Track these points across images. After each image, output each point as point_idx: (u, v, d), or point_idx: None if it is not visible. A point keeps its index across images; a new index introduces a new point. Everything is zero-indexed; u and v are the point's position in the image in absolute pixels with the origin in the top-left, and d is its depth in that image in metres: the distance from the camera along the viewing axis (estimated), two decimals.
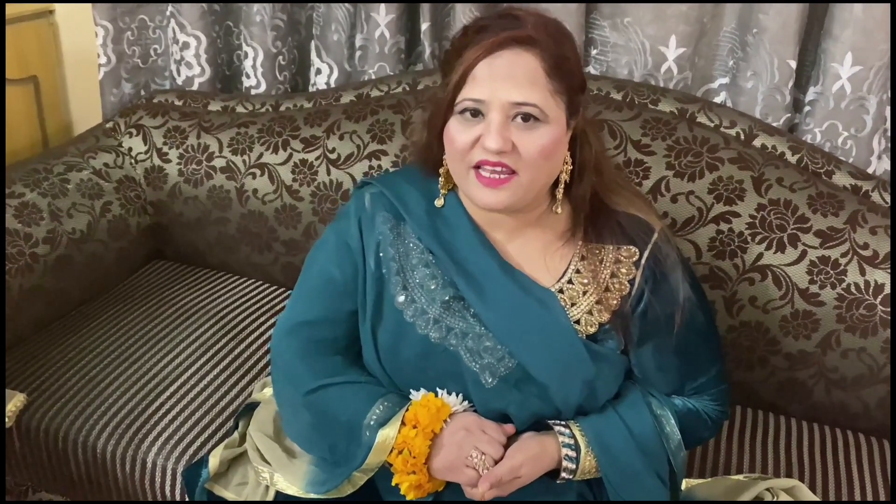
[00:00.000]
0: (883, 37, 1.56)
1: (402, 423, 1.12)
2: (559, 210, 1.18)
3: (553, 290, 1.17)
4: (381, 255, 1.21)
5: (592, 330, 1.16)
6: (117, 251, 1.89)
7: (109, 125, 2.02)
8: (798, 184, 1.56)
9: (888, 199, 1.57)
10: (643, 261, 1.16)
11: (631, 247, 1.17)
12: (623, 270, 1.17)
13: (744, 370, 1.59)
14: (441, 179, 1.20)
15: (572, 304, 1.16)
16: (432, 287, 1.18)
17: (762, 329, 1.55)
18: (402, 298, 1.18)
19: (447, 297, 1.17)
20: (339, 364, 1.23)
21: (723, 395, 1.26)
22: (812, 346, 1.53)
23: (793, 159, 1.61)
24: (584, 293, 1.17)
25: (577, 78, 1.11)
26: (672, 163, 1.60)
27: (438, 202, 1.21)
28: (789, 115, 1.71)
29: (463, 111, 1.08)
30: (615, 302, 1.16)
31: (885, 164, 1.69)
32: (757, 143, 1.63)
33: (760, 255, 1.54)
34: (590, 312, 1.16)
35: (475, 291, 1.16)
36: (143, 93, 2.16)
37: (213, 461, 1.31)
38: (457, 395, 1.17)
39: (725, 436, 1.54)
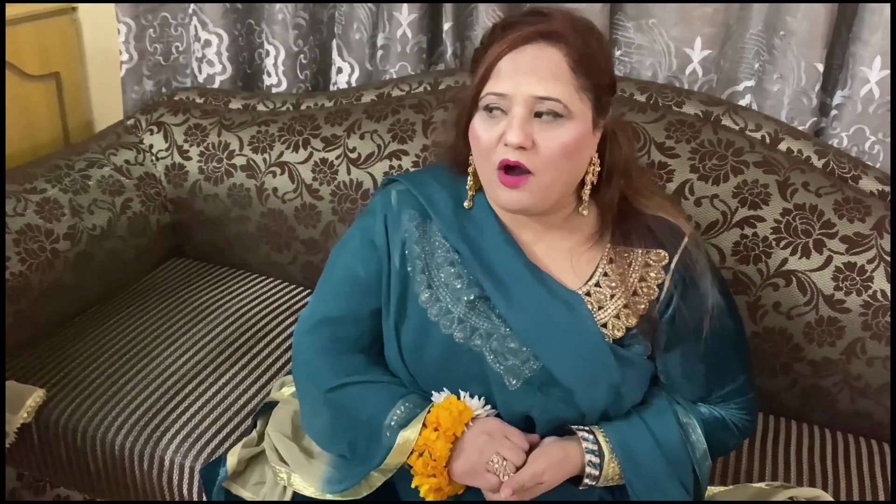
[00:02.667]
0: None
1: (424, 425, 1.11)
2: (585, 212, 1.17)
3: (580, 292, 1.16)
4: (406, 252, 1.20)
5: (619, 334, 1.14)
6: (137, 248, 1.90)
7: (131, 122, 2.02)
8: (824, 188, 1.54)
9: None
10: (673, 265, 1.15)
11: (660, 251, 1.15)
12: (652, 274, 1.15)
13: (767, 377, 1.57)
14: (469, 180, 1.20)
15: (599, 308, 1.15)
16: (457, 286, 1.17)
17: (786, 335, 1.53)
18: (426, 297, 1.18)
19: (472, 297, 1.16)
20: (360, 362, 1.22)
21: (750, 404, 1.24)
22: (837, 353, 1.51)
23: (819, 164, 1.59)
24: (612, 297, 1.15)
25: (604, 76, 1.10)
26: (696, 166, 1.58)
27: (467, 203, 1.20)
28: (816, 118, 1.69)
29: (487, 107, 1.08)
30: (643, 306, 1.15)
31: None
32: (782, 146, 1.61)
33: (785, 261, 1.52)
34: (617, 316, 1.15)
35: (501, 292, 1.14)
36: (164, 90, 2.17)
37: (232, 460, 1.31)
38: (479, 398, 1.15)
39: (748, 443, 1.52)
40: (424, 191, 1.21)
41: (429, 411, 1.13)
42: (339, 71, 2.01)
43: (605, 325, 1.14)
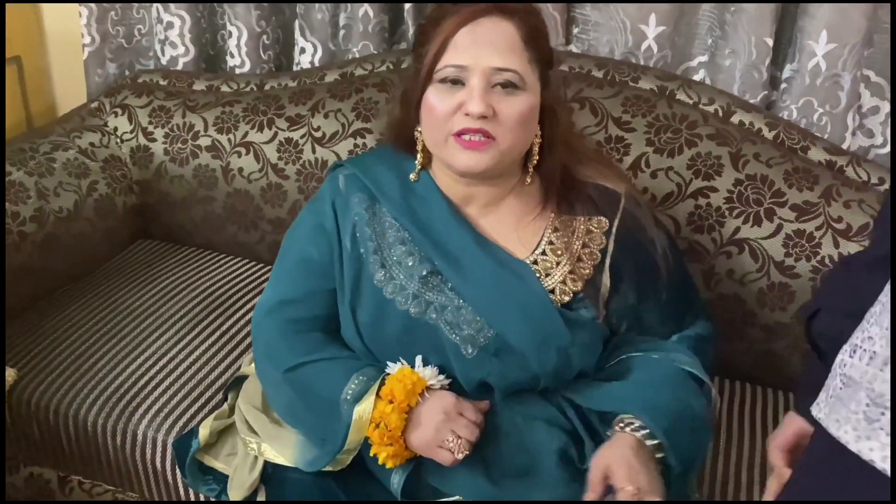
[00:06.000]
0: (857, 15, 1.59)
1: (378, 397, 1.14)
2: (529, 181, 1.22)
3: (527, 261, 1.20)
4: (357, 235, 1.24)
5: (567, 299, 1.20)
6: (104, 230, 1.90)
7: (94, 105, 2.02)
8: (774, 159, 1.60)
9: (862, 174, 1.60)
10: (614, 230, 1.21)
11: (601, 217, 1.22)
12: (595, 241, 1.21)
13: (723, 342, 1.60)
14: (419, 155, 1.23)
15: (546, 275, 1.20)
16: (410, 263, 1.21)
17: (739, 301, 1.59)
18: (380, 276, 1.21)
19: (425, 273, 1.20)
20: (318, 340, 1.25)
21: (710, 317, 1.35)
22: (787, 317, 1.57)
23: (769, 135, 1.64)
24: (558, 264, 1.21)
25: (548, 51, 1.16)
26: (652, 139, 1.63)
27: (413, 176, 1.24)
28: (766, 92, 1.74)
29: (443, 79, 1.12)
30: (588, 272, 1.21)
31: (860, 140, 1.73)
32: (735, 119, 1.66)
33: (738, 229, 1.57)
34: (563, 282, 1.20)
35: (452, 266, 1.19)
36: (127, 73, 2.16)
37: (204, 432, 1.34)
38: (433, 367, 1.19)
39: None
40: (371, 174, 1.25)
41: (382, 382, 1.15)
42: (302, 51, 2.02)
43: (552, 291, 1.19)
